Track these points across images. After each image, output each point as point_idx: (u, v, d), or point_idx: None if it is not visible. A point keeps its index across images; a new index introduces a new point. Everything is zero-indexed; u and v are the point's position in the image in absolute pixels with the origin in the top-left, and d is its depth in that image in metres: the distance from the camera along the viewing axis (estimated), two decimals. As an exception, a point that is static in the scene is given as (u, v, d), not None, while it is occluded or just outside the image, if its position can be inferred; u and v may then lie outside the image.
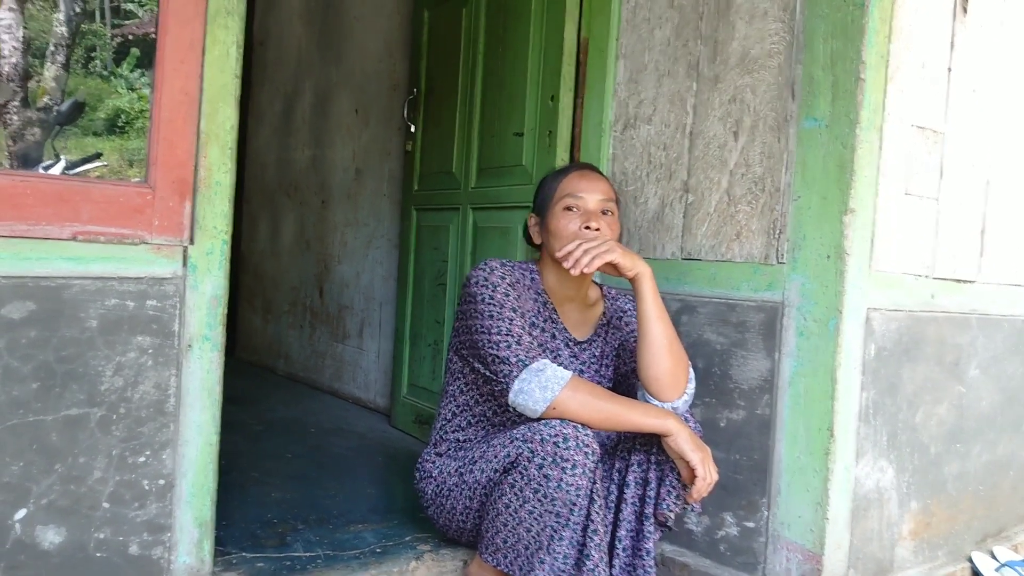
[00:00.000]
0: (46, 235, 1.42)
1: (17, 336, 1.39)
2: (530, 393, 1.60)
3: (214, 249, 1.59)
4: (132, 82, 1.52)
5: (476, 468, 1.71)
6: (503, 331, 1.67)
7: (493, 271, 1.76)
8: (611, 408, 1.61)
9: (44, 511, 1.42)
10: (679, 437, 1.60)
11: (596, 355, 1.92)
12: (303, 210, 4.41)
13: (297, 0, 4.56)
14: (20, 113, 1.44)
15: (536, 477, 1.55)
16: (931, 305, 2.03)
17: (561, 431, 1.55)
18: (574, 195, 1.78)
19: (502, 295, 1.72)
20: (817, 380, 1.80)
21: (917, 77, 1.92)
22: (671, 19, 2.18)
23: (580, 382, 1.62)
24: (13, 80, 1.43)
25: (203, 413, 1.59)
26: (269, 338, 4.71)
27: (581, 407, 1.59)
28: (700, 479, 1.60)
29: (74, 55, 1.48)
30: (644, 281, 1.69)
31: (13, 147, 1.44)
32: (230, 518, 2.06)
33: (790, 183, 1.88)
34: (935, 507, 2.11)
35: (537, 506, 1.56)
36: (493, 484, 1.67)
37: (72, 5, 1.47)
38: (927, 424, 2.06)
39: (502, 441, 1.66)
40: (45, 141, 1.46)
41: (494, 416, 1.85)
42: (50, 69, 1.47)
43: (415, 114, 3.21)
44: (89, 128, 1.50)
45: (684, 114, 2.13)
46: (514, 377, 1.62)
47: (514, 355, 1.64)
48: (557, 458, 1.53)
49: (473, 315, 1.72)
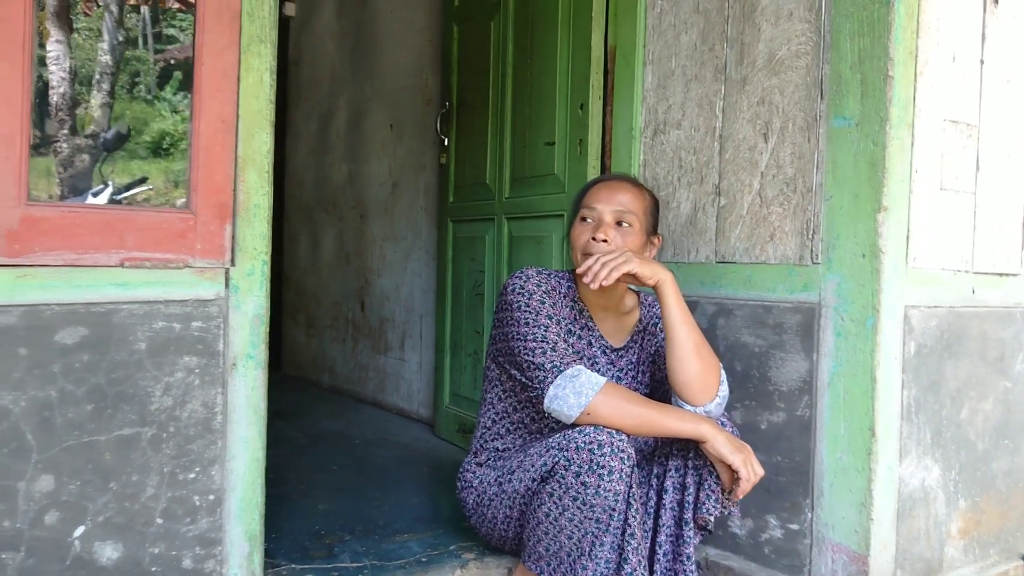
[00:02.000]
0: (95, 263, 1.48)
1: (71, 360, 1.44)
2: (564, 399, 1.61)
3: (255, 270, 1.64)
4: (175, 104, 1.56)
5: (514, 478, 1.74)
6: (538, 338, 1.69)
7: (529, 279, 1.79)
8: (645, 413, 1.62)
9: (101, 528, 1.47)
10: (716, 441, 1.61)
11: (633, 362, 1.93)
12: (342, 225, 4.49)
13: (329, 20, 4.65)
14: (69, 141, 1.50)
15: (574, 485, 1.57)
16: (972, 300, 2.01)
17: (596, 438, 1.56)
18: (589, 206, 1.81)
19: (537, 302, 1.75)
20: (856, 380, 1.79)
21: (948, 71, 1.90)
22: (696, 24, 2.18)
23: (614, 388, 1.63)
24: (62, 109, 1.49)
25: (249, 429, 1.64)
26: (313, 352, 4.79)
27: (615, 412, 1.60)
28: (744, 480, 1.60)
29: (119, 82, 1.53)
30: (666, 288, 1.70)
31: (63, 174, 1.50)
32: (279, 530, 2.11)
33: (822, 183, 1.87)
34: (985, 505, 2.08)
35: (577, 513, 1.58)
36: (532, 493, 1.69)
37: (115, 34, 1.53)
38: (973, 420, 2.03)
39: (538, 450, 1.68)
40: (93, 167, 1.52)
41: (532, 423, 1.87)
42: (96, 97, 1.52)
43: (448, 127, 3.25)
44: (135, 152, 1.55)
45: (713, 117, 2.13)
46: (549, 383, 1.64)
47: (549, 361, 1.66)
48: (593, 465, 1.55)
49: (509, 322, 1.75)
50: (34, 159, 1.44)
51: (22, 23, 1.40)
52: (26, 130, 1.42)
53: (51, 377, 1.42)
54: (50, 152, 1.46)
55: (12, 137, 1.40)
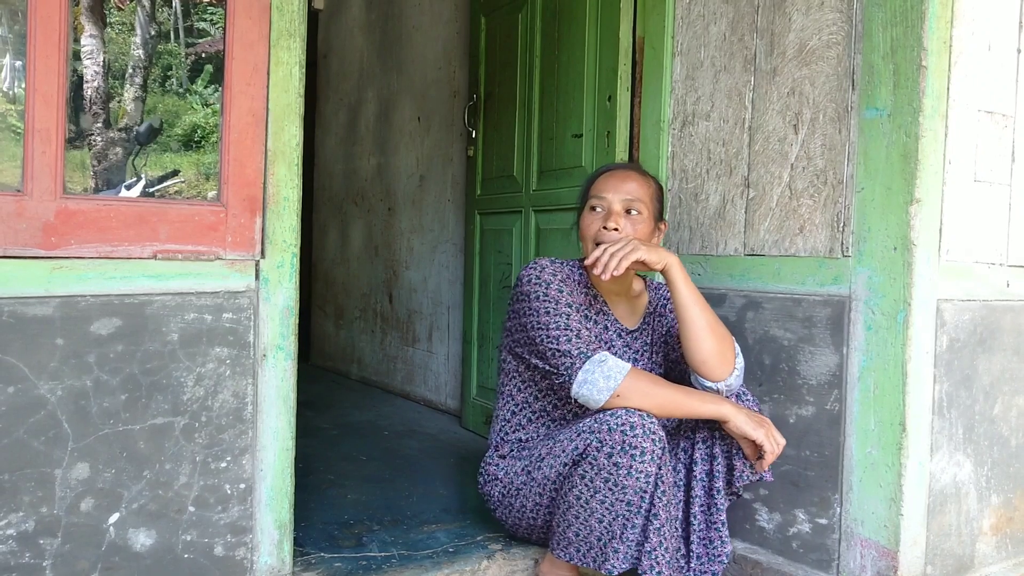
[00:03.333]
0: (129, 255, 1.50)
1: (105, 351, 1.47)
2: (594, 383, 1.64)
3: (284, 262, 1.66)
4: (207, 98, 1.58)
5: (544, 464, 1.75)
6: (561, 326, 1.72)
7: (544, 269, 1.81)
8: (670, 395, 1.67)
9: (135, 515, 1.50)
10: (736, 420, 1.67)
11: (647, 343, 1.96)
12: (370, 217, 4.51)
13: (357, 13, 4.67)
14: (103, 134, 1.53)
15: (606, 466, 1.59)
16: (1006, 294, 1.97)
17: (628, 419, 1.59)
18: (598, 195, 1.84)
19: (556, 291, 1.77)
20: (887, 374, 1.78)
21: (983, 61, 1.87)
22: (726, 14, 2.16)
23: (639, 373, 1.68)
24: (96, 103, 1.52)
25: (279, 419, 1.66)
26: (342, 344, 4.82)
27: (643, 396, 1.64)
28: (769, 452, 1.67)
29: (151, 76, 1.56)
30: (673, 270, 1.73)
31: (97, 167, 1.53)
32: (308, 519, 2.13)
33: (853, 174, 1.85)
34: (1018, 501, 2.05)
35: (608, 495, 1.59)
36: (563, 478, 1.70)
37: (148, 28, 1.55)
38: (1007, 416, 2.00)
39: (568, 435, 1.70)
40: (127, 160, 1.55)
41: (554, 410, 1.89)
42: (129, 91, 1.55)
43: (475, 119, 3.25)
44: (167, 145, 1.57)
45: (742, 109, 2.12)
46: (577, 369, 1.67)
47: (575, 348, 1.69)
48: (626, 446, 1.57)
49: (528, 312, 1.77)
50: (69, 152, 1.46)
51: (58, 23, 1.42)
52: (62, 126, 1.44)
53: (86, 367, 1.45)
54: (84, 145, 1.49)
55: (48, 132, 1.43)
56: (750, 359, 2.04)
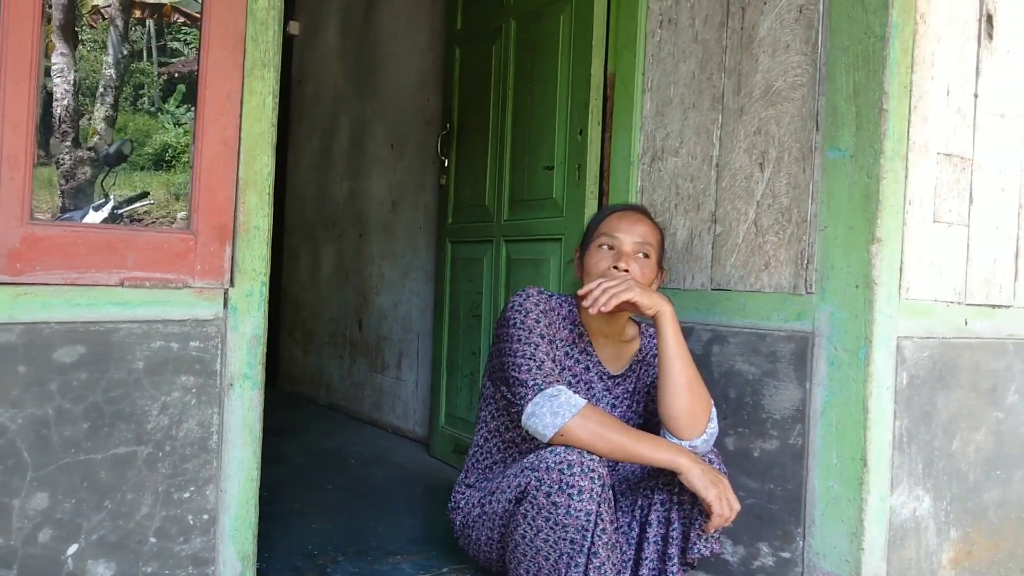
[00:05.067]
0: (95, 282, 1.50)
1: (69, 379, 1.46)
2: (540, 417, 1.63)
3: (253, 291, 1.65)
4: (179, 117, 1.58)
5: (494, 499, 1.75)
6: (526, 354, 1.71)
7: (529, 297, 1.81)
8: (620, 440, 1.62)
9: (95, 546, 1.48)
10: (690, 474, 1.60)
11: (629, 390, 1.94)
12: (342, 243, 4.51)
13: (333, 40, 4.69)
14: (71, 153, 1.52)
15: (545, 505, 1.58)
16: (964, 331, 2.02)
17: (566, 458, 1.57)
18: (610, 234, 1.82)
19: (533, 321, 1.76)
20: (849, 409, 1.81)
21: (942, 105, 1.93)
22: (695, 53, 2.21)
23: (593, 411, 1.64)
24: (65, 121, 1.51)
25: (244, 449, 1.65)
26: (310, 369, 4.79)
27: (589, 436, 1.60)
28: (716, 515, 1.60)
29: (122, 94, 1.55)
30: (665, 320, 1.71)
31: (65, 186, 1.52)
32: (272, 550, 2.11)
33: (816, 213, 1.89)
34: (976, 535, 2.09)
35: (551, 534, 1.59)
36: (509, 515, 1.70)
37: (120, 48, 1.55)
38: (965, 451, 2.04)
39: (514, 471, 1.70)
40: (95, 180, 1.54)
41: (522, 443, 1.88)
42: (99, 110, 1.54)
43: (448, 148, 3.28)
44: (138, 164, 1.56)
45: (710, 146, 2.16)
46: (528, 400, 1.66)
47: (532, 379, 1.68)
48: (563, 484, 1.56)
49: (504, 338, 1.77)
50: (37, 170, 1.45)
51: (30, 50, 1.42)
52: (31, 151, 1.44)
53: (49, 395, 1.44)
54: (52, 163, 1.48)
55: (16, 158, 1.42)
56: (716, 392, 2.07)
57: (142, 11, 1.56)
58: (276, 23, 1.68)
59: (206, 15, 1.58)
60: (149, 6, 1.60)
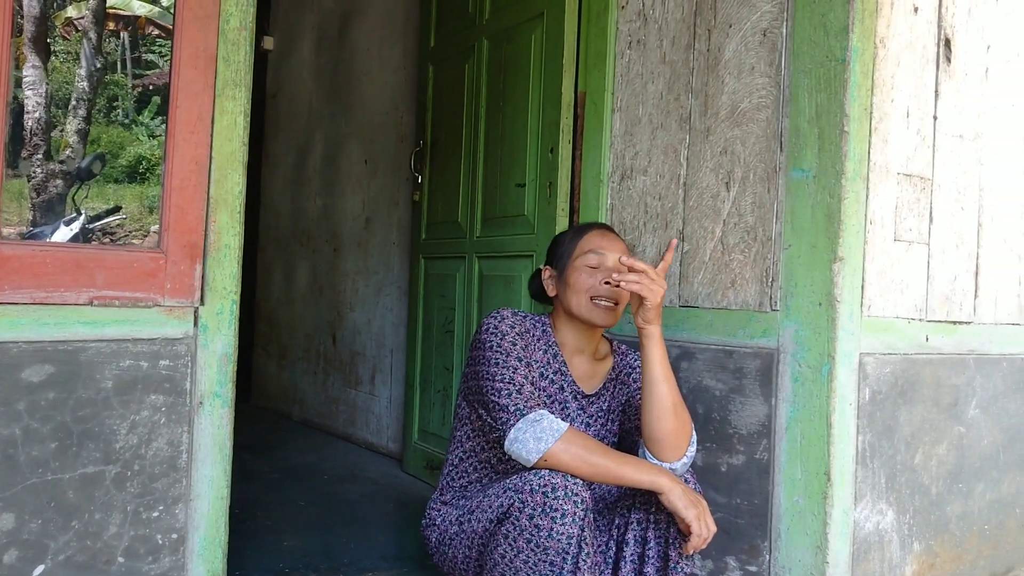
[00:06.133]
0: (64, 301, 1.50)
1: (36, 398, 1.45)
2: (524, 443, 1.64)
3: (224, 309, 1.66)
4: (153, 129, 1.60)
5: (474, 518, 1.75)
6: (506, 379, 1.72)
7: (504, 320, 1.82)
8: (603, 463, 1.63)
9: (62, 567, 1.47)
10: (671, 495, 1.62)
11: (603, 409, 1.95)
12: (316, 258, 4.50)
13: (307, 56, 4.70)
14: (43, 166, 1.52)
15: (528, 527, 1.59)
16: (926, 347, 2.07)
17: (550, 481, 1.58)
18: (596, 252, 1.83)
19: (509, 344, 1.77)
20: (813, 425, 1.84)
21: (902, 126, 1.98)
22: (663, 74, 2.25)
23: (575, 435, 1.65)
24: (36, 134, 1.51)
25: (214, 468, 1.65)
26: (284, 384, 4.77)
27: (573, 460, 1.62)
28: (695, 535, 1.62)
29: (96, 106, 1.56)
30: (653, 340, 1.72)
31: (36, 199, 1.52)
32: (243, 567, 2.10)
33: (781, 232, 1.93)
34: (939, 548, 2.13)
35: (531, 556, 1.60)
36: (489, 534, 1.70)
37: (94, 60, 1.56)
38: (927, 465, 2.08)
39: (496, 491, 1.70)
40: (67, 193, 1.54)
41: (499, 463, 1.89)
42: (72, 123, 1.55)
43: (422, 165, 3.30)
44: (111, 176, 1.57)
45: (678, 165, 2.20)
46: (511, 426, 1.66)
47: (513, 404, 1.68)
48: (547, 508, 1.57)
49: (480, 361, 1.77)
50: (8, 182, 1.45)
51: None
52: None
53: (16, 415, 1.43)
54: (23, 176, 1.48)
55: (-15, 177, 1.42)
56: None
57: (116, 23, 1.58)
58: (248, 43, 1.69)
59: (177, 35, 1.59)
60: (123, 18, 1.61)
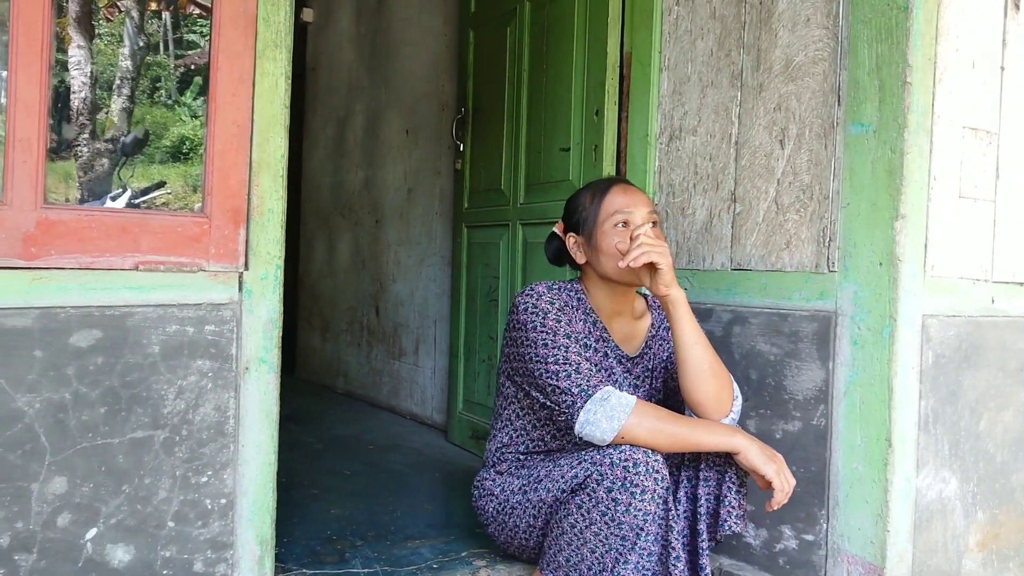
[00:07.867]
0: (110, 266, 1.49)
1: (85, 363, 1.45)
2: (597, 424, 1.60)
3: (268, 274, 1.64)
4: (195, 110, 1.57)
5: (541, 487, 1.72)
6: (560, 359, 1.67)
7: (541, 297, 1.76)
8: (678, 431, 1.60)
9: (113, 530, 1.48)
10: (749, 452, 1.60)
11: (648, 369, 1.92)
12: (357, 230, 4.50)
13: (346, 26, 4.67)
14: (89, 145, 1.51)
15: (604, 500, 1.56)
16: (991, 310, 1.98)
17: (632, 456, 1.55)
18: (623, 211, 1.76)
19: (553, 321, 1.72)
20: (873, 389, 1.77)
21: (967, 77, 1.88)
22: (713, 30, 2.17)
23: (645, 407, 1.62)
24: (83, 114, 1.50)
25: (261, 433, 1.64)
26: (328, 357, 4.80)
27: (649, 434, 1.59)
28: (778, 490, 1.59)
29: (139, 87, 1.54)
30: (679, 305, 1.68)
31: (83, 178, 1.51)
32: (290, 535, 2.11)
33: (839, 190, 1.85)
34: (1003, 517, 2.05)
35: (603, 528, 1.57)
36: (559, 503, 1.67)
37: (136, 40, 1.54)
38: (992, 432, 2.00)
39: (570, 462, 1.67)
40: (112, 171, 1.53)
41: (552, 440, 1.86)
42: (116, 102, 1.53)
43: (463, 133, 3.25)
44: (154, 156, 1.56)
45: (729, 124, 2.12)
46: (579, 408, 1.62)
47: (575, 385, 1.64)
48: (627, 483, 1.54)
49: (525, 343, 1.73)
50: (55, 163, 1.45)
51: (41, 32, 1.41)
52: (43, 135, 1.43)
53: (65, 379, 1.43)
54: (71, 156, 1.47)
55: (30, 142, 1.41)
56: (736, 374, 2.04)
57: (158, 3, 1.55)
58: (288, 4, 1.66)
59: (217, -5, 1.57)
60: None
